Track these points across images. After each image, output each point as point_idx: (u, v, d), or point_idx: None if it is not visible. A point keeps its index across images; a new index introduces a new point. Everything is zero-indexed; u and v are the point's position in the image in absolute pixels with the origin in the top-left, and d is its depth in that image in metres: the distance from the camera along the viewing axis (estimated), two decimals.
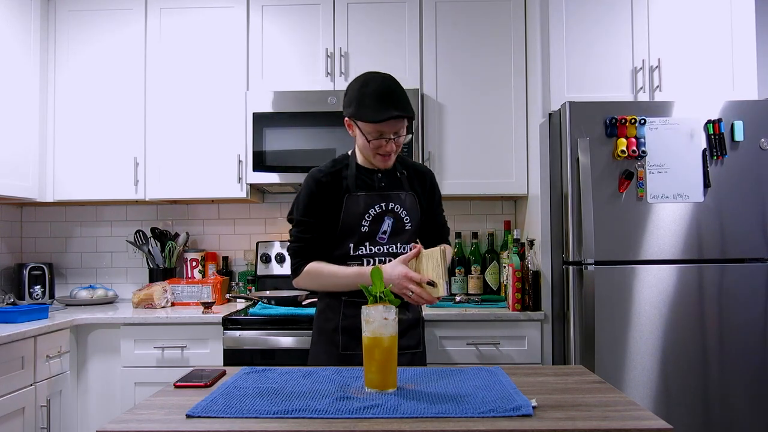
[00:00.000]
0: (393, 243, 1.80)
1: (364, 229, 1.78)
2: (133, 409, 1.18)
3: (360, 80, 1.74)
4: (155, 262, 3.15)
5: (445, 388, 1.29)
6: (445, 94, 2.91)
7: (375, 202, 1.79)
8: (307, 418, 1.10)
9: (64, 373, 2.53)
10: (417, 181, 1.90)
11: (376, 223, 1.78)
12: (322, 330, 1.84)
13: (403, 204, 1.82)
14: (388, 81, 1.72)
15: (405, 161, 1.92)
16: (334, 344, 1.79)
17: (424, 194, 1.90)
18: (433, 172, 1.98)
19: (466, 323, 2.53)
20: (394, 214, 1.81)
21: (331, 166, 1.83)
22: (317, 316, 1.88)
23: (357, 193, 1.78)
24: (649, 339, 2.39)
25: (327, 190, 1.78)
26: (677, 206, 2.42)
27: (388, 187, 1.83)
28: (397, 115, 1.66)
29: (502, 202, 3.26)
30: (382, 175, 1.83)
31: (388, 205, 1.80)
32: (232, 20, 2.96)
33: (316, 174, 1.81)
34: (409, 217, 1.83)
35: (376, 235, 1.79)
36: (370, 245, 1.78)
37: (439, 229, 1.98)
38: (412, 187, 1.87)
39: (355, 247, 1.78)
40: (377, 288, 1.30)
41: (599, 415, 1.12)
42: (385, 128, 1.70)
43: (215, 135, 2.94)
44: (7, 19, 2.72)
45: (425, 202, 1.91)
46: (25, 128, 2.83)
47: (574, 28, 2.66)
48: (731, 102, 2.45)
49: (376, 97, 1.68)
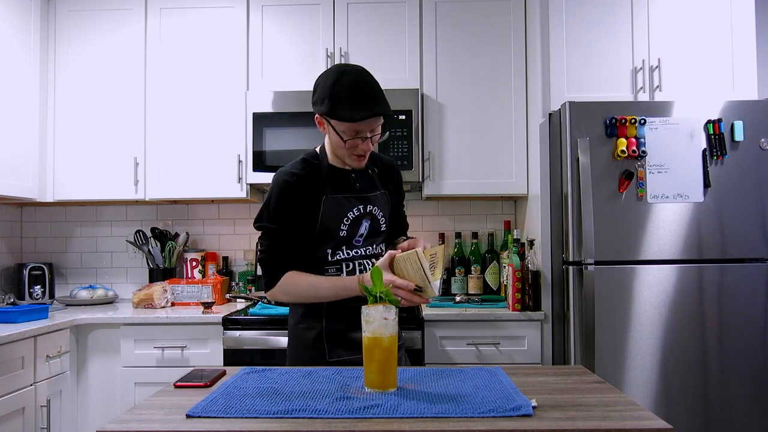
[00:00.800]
0: (368, 245, 1.73)
1: (343, 233, 1.68)
2: (133, 409, 1.18)
3: (331, 74, 1.60)
4: (155, 262, 3.15)
5: (445, 388, 1.29)
6: (445, 94, 2.91)
7: (353, 205, 1.69)
8: (307, 418, 1.10)
9: (64, 373, 2.53)
10: (387, 177, 1.81)
11: (354, 226, 1.69)
12: (303, 339, 1.71)
13: (380, 206, 1.75)
14: (362, 75, 1.59)
15: (373, 157, 1.80)
16: (320, 353, 1.68)
17: (394, 191, 1.83)
18: (397, 165, 1.89)
19: (466, 323, 2.53)
20: (372, 216, 1.73)
21: (302, 167, 1.69)
22: (294, 324, 1.75)
23: (334, 195, 1.67)
24: (649, 339, 2.39)
25: (300, 192, 1.65)
26: (677, 206, 2.42)
27: (364, 188, 1.73)
28: (376, 113, 1.56)
29: (502, 202, 3.26)
30: (356, 176, 1.73)
31: (366, 208, 1.71)
32: (232, 20, 2.96)
33: (286, 177, 1.66)
34: (384, 218, 1.76)
35: (353, 238, 1.70)
36: (347, 249, 1.70)
37: (401, 223, 1.91)
38: (384, 185, 1.79)
39: (333, 252, 1.69)
40: (377, 288, 1.30)
41: (599, 415, 1.12)
42: (361, 127, 1.59)
43: (215, 135, 2.94)
44: (7, 19, 2.72)
45: (395, 198, 1.84)
46: (25, 128, 2.83)
47: (574, 28, 2.66)
48: (731, 102, 2.45)
49: (351, 94, 1.55)
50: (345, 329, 1.69)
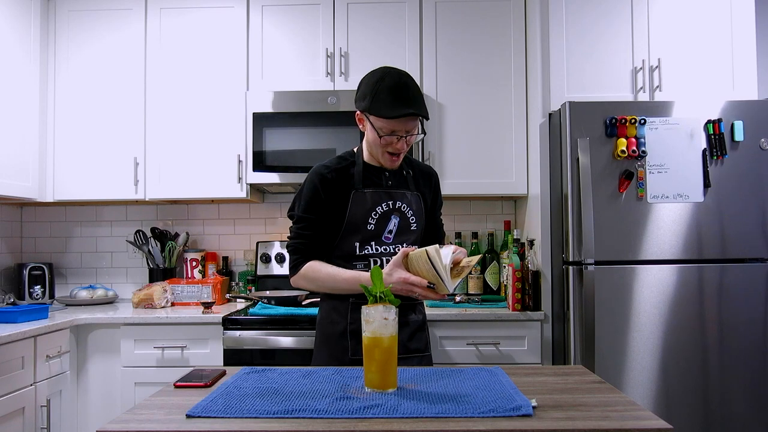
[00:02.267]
0: (398, 243, 1.76)
1: (371, 227, 1.73)
2: (133, 409, 1.18)
3: (376, 74, 1.68)
4: (155, 262, 3.15)
5: (445, 388, 1.29)
6: (445, 94, 2.91)
7: (382, 200, 1.75)
8: (307, 418, 1.10)
9: (64, 373, 2.53)
10: (423, 181, 1.86)
11: (382, 221, 1.74)
12: (328, 335, 1.77)
13: (410, 204, 1.79)
14: (404, 78, 1.67)
15: (410, 161, 1.88)
16: (343, 349, 1.72)
17: (429, 195, 1.88)
18: (437, 174, 1.95)
19: (466, 323, 2.53)
20: (401, 213, 1.77)
21: (336, 163, 1.77)
22: (321, 319, 1.82)
23: (364, 190, 1.74)
24: (649, 339, 2.39)
25: (332, 186, 1.73)
26: (677, 206, 2.42)
27: (396, 185, 1.79)
28: (412, 113, 1.62)
29: (502, 202, 3.26)
30: (389, 174, 1.79)
31: (395, 204, 1.76)
32: (232, 20, 2.96)
33: (320, 170, 1.75)
34: (415, 218, 1.80)
35: (382, 234, 1.74)
36: (376, 244, 1.74)
37: (437, 231, 1.95)
38: (417, 188, 1.84)
39: (360, 246, 1.74)
40: (377, 288, 1.30)
41: (599, 415, 1.12)
42: (398, 126, 1.66)
43: (215, 135, 2.94)
44: (7, 19, 2.72)
45: (430, 203, 1.88)
46: (25, 128, 2.83)
47: (574, 28, 2.66)
48: (731, 102, 2.45)
49: (392, 93, 1.63)
50: None
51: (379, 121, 1.66)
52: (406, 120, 1.65)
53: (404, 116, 1.62)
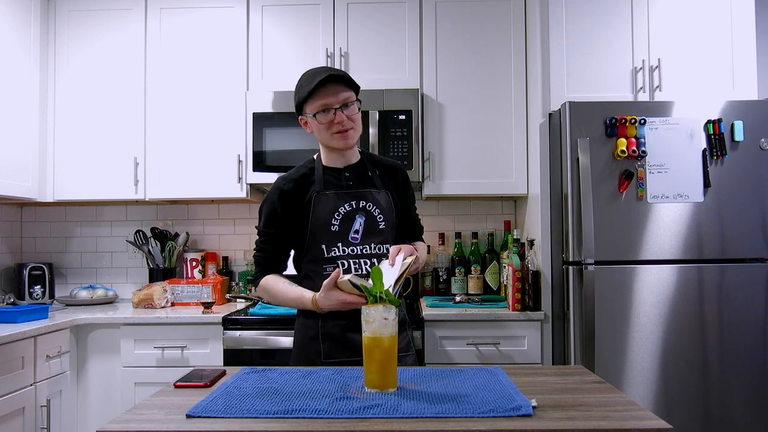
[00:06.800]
0: (367, 243, 1.73)
1: (335, 228, 1.71)
2: (133, 409, 1.18)
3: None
4: (155, 262, 3.15)
5: (445, 388, 1.29)
6: (445, 94, 2.91)
7: (345, 201, 1.73)
8: (307, 418, 1.10)
9: (64, 373, 2.53)
10: (389, 177, 1.83)
11: (346, 221, 1.72)
12: (303, 339, 1.77)
13: (376, 202, 1.76)
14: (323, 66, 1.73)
15: (376, 161, 1.85)
16: (316, 353, 1.72)
17: (397, 191, 1.84)
18: (403, 167, 1.90)
19: (466, 323, 2.53)
20: (366, 212, 1.74)
21: (296, 172, 1.79)
22: (298, 326, 1.81)
23: (326, 192, 1.73)
24: (649, 339, 2.39)
25: (290, 197, 1.74)
26: (677, 206, 2.42)
27: (357, 184, 1.77)
28: (328, 76, 1.62)
29: (502, 202, 3.26)
30: (349, 174, 1.77)
31: (359, 203, 1.74)
32: (232, 20, 2.96)
33: (279, 182, 1.77)
34: (383, 216, 1.76)
35: (347, 234, 1.72)
36: (343, 246, 1.71)
37: (412, 225, 1.93)
38: (385, 185, 1.81)
39: (327, 249, 1.71)
40: (377, 288, 1.30)
41: (599, 415, 1.12)
42: (327, 98, 1.65)
43: (215, 135, 2.94)
44: (7, 19, 2.72)
45: (399, 199, 1.84)
46: (25, 128, 2.83)
47: (574, 28, 2.66)
48: (731, 102, 2.45)
49: (309, 76, 1.69)
50: (343, 329, 1.70)
51: (309, 105, 1.67)
52: (334, 90, 1.65)
53: (323, 83, 1.63)
